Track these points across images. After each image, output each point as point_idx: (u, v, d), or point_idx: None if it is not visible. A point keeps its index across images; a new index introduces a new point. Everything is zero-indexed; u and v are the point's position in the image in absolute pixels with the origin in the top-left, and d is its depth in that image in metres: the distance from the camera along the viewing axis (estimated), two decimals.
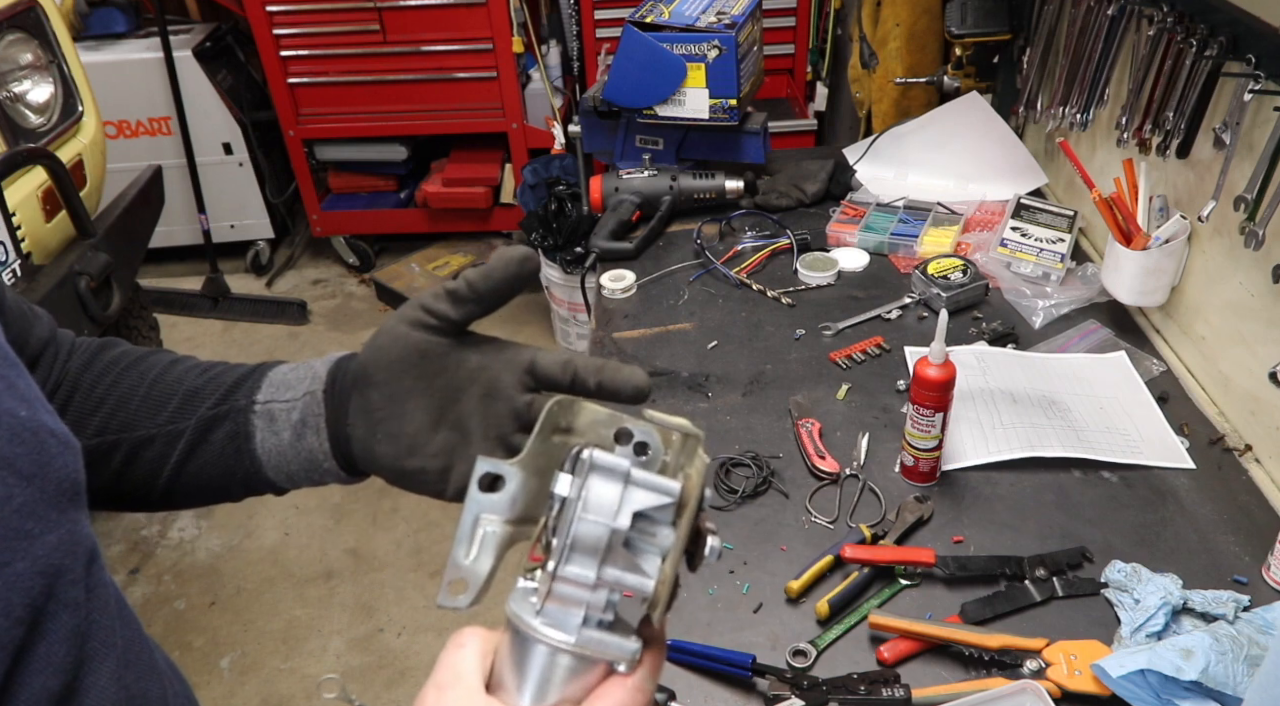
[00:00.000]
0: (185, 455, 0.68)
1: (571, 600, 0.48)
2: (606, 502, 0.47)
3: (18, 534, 0.50)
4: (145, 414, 0.68)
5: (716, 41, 1.84)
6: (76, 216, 2.25)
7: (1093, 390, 1.41)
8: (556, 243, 2.92)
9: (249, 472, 0.68)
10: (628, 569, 0.48)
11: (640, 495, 0.48)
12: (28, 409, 0.53)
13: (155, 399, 0.68)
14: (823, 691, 1.01)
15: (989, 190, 1.92)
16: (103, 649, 0.55)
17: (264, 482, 0.69)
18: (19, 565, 0.49)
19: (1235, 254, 1.31)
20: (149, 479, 0.69)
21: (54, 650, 0.51)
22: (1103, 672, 0.96)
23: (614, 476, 0.48)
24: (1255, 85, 1.20)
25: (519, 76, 3.38)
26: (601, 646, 0.48)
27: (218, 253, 3.68)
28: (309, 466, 0.67)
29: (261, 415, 0.67)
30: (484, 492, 0.53)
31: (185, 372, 0.70)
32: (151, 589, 2.58)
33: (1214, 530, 1.19)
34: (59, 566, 0.52)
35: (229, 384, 0.68)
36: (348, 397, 0.65)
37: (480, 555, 0.52)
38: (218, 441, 0.67)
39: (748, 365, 1.53)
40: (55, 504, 0.53)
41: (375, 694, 2.28)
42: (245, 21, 3.37)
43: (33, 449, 0.52)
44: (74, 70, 2.48)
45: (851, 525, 1.22)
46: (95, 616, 0.55)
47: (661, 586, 0.48)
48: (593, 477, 0.48)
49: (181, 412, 0.68)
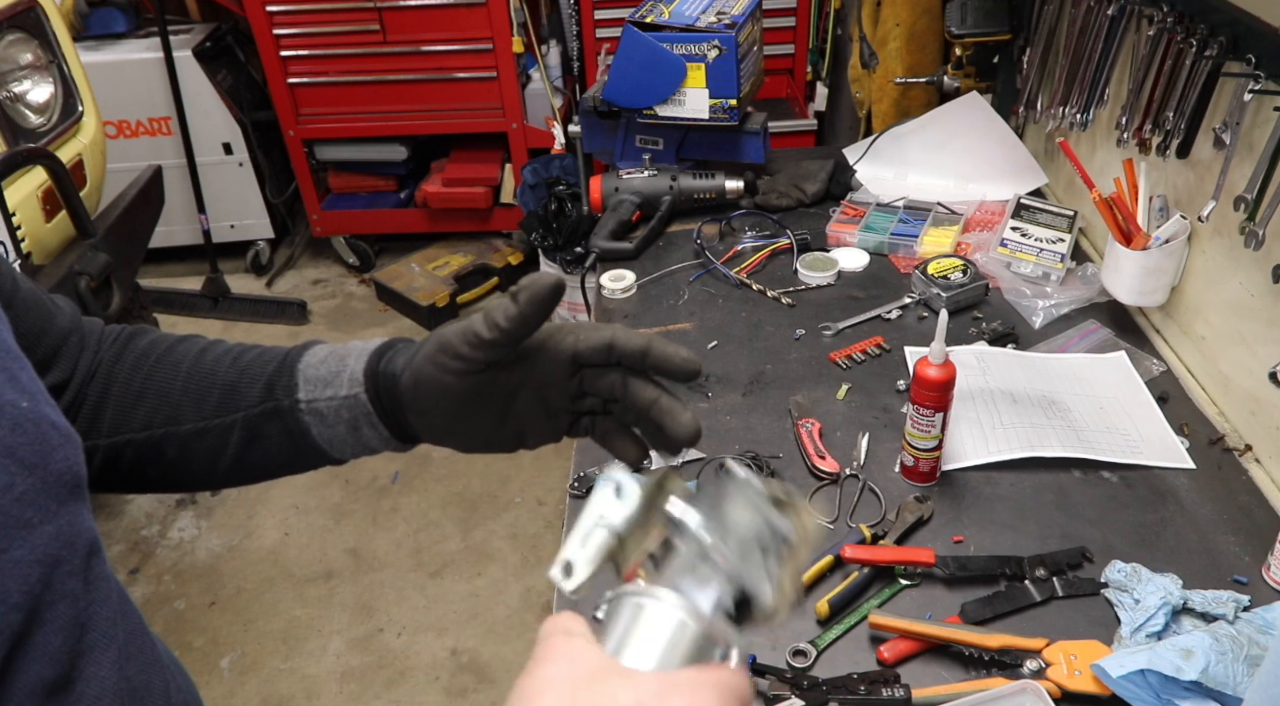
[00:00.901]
0: (243, 446, 0.70)
1: (702, 584, 0.53)
2: (747, 514, 0.56)
3: (17, 522, 0.50)
4: (188, 408, 0.70)
5: (716, 41, 1.84)
6: (76, 216, 2.25)
7: (1093, 390, 1.41)
8: (556, 243, 2.92)
9: (313, 458, 0.71)
10: (756, 572, 0.54)
11: (775, 516, 0.56)
12: (29, 400, 0.54)
13: (194, 392, 0.70)
14: (823, 691, 1.01)
15: (989, 190, 1.92)
16: (103, 641, 0.56)
17: (331, 460, 0.72)
18: (17, 553, 0.50)
19: (1235, 254, 1.31)
20: (209, 466, 0.71)
21: (50, 640, 0.52)
22: (1103, 672, 0.96)
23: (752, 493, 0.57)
24: (1255, 85, 1.20)
25: (519, 76, 3.38)
26: (724, 630, 0.52)
27: (218, 253, 3.68)
28: (372, 448, 0.71)
29: (310, 412, 0.69)
30: (613, 498, 0.58)
31: (216, 364, 0.72)
32: (151, 589, 2.58)
33: (1214, 530, 1.19)
34: (57, 557, 0.53)
35: (265, 380, 0.70)
36: (403, 412, 0.68)
37: (590, 550, 0.57)
38: (273, 436, 0.69)
39: (748, 365, 1.53)
40: (55, 495, 0.53)
41: (375, 694, 2.28)
42: (245, 21, 3.37)
43: (34, 439, 0.53)
44: (74, 70, 2.48)
45: (851, 525, 1.22)
46: (95, 608, 0.56)
47: (781, 598, 0.54)
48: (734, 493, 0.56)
49: (224, 406, 0.70)
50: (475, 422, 0.67)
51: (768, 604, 0.54)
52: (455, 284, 3.59)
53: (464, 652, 2.37)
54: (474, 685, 2.29)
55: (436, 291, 3.55)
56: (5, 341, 0.56)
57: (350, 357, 0.69)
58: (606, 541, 0.57)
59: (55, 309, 0.71)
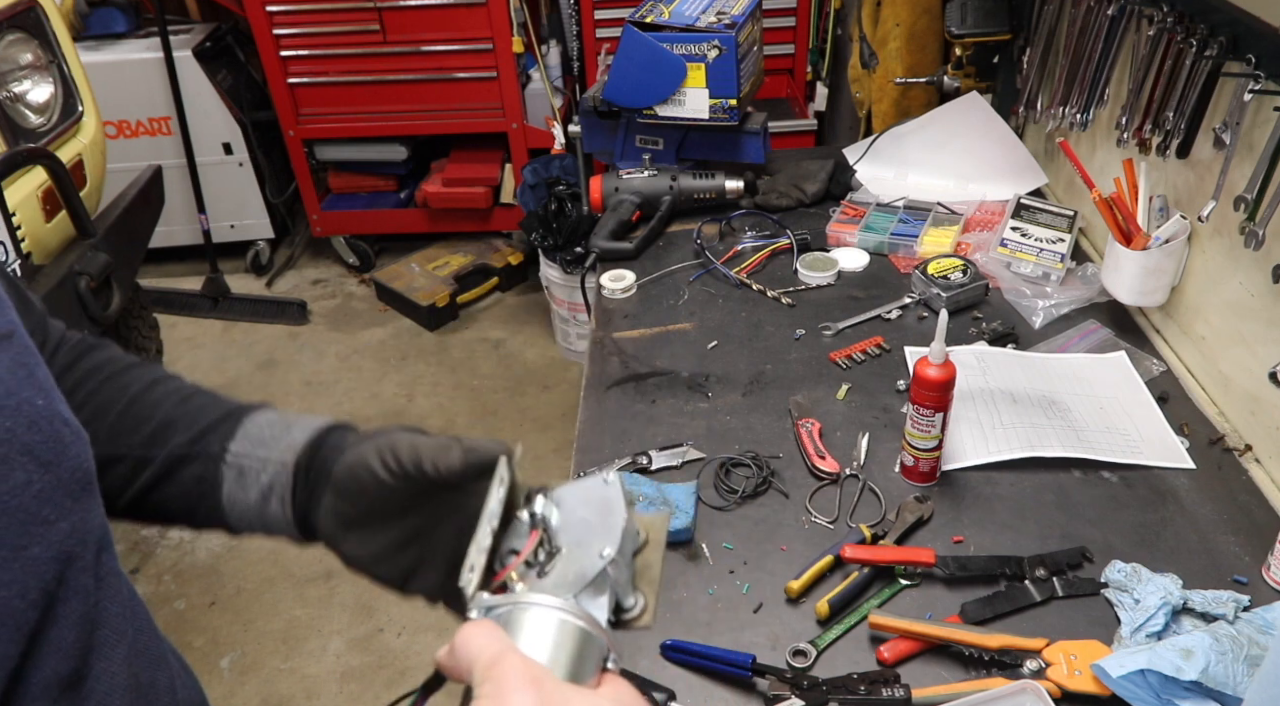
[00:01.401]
0: (150, 484, 0.68)
1: (590, 592, 0.56)
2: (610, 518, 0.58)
3: (36, 519, 0.51)
4: (119, 432, 0.68)
5: (716, 41, 1.84)
6: (76, 216, 2.25)
7: (1093, 390, 1.41)
8: (556, 242, 2.92)
9: (212, 515, 0.69)
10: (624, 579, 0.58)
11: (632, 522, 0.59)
12: (45, 398, 0.54)
13: (131, 418, 0.69)
14: (823, 691, 1.01)
15: (989, 190, 1.92)
16: (114, 637, 0.56)
17: (223, 525, 0.70)
18: (35, 550, 0.50)
19: (1235, 254, 1.31)
20: (111, 495, 0.68)
21: (64, 635, 0.52)
22: (1103, 672, 0.96)
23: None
24: (1255, 85, 1.20)
25: (519, 76, 3.38)
26: (608, 635, 0.54)
27: (218, 253, 3.68)
28: (270, 528, 0.69)
29: (231, 466, 0.67)
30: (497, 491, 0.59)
31: (164, 397, 0.70)
32: (151, 589, 2.58)
33: (1214, 530, 1.19)
34: (71, 553, 0.53)
35: (206, 423, 0.69)
36: (321, 490, 0.66)
37: (480, 555, 0.58)
38: (185, 480, 0.68)
39: (748, 365, 1.53)
40: (69, 491, 0.53)
41: (375, 694, 2.28)
42: (245, 21, 3.37)
43: (50, 437, 0.53)
44: (74, 70, 2.48)
45: (851, 525, 1.22)
46: (105, 604, 0.56)
47: (647, 602, 0.58)
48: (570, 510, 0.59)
49: (153, 440, 0.68)
50: (382, 530, 0.64)
51: (633, 609, 0.58)
52: (455, 284, 3.59)
53: None
54: None
55: (436, 291, 3.55)
56: (21, 337, 0.55)
57: (296, 427, 0.68)
58: (488, 543, 0.58)
59: (30, 308, 0.70)
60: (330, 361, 3.42)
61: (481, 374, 3.32)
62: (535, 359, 3.38)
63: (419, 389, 3.26)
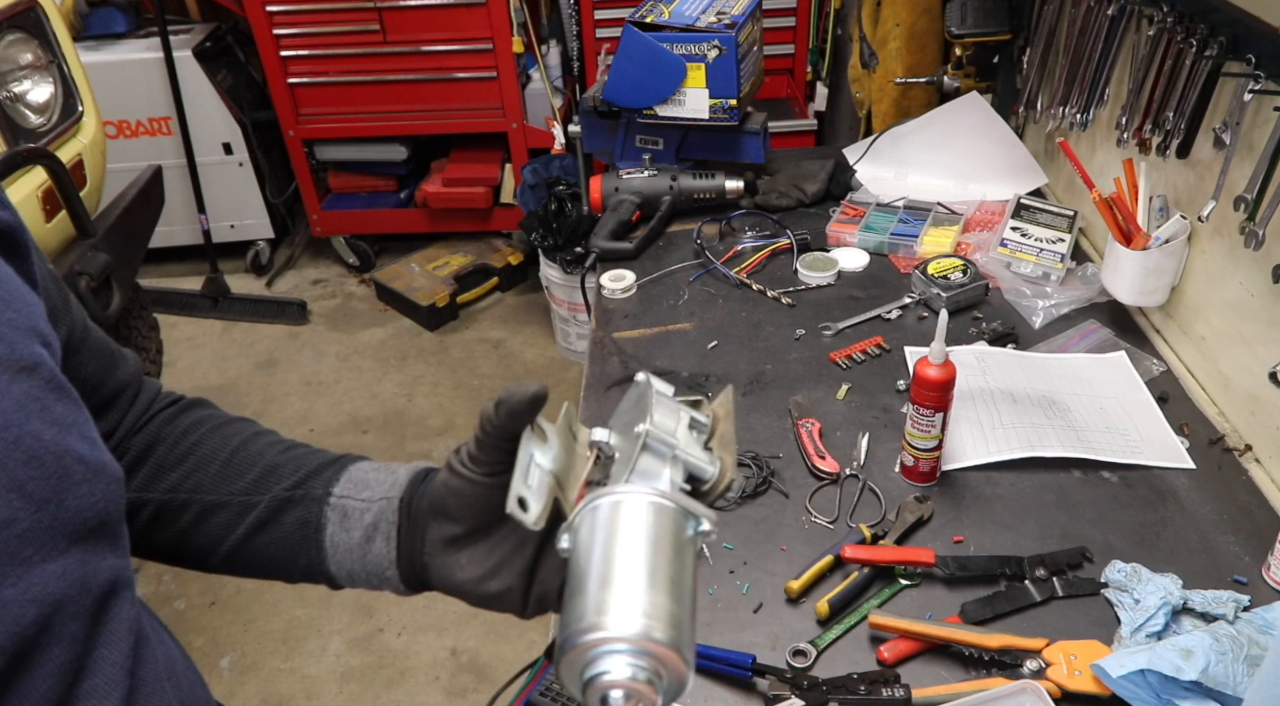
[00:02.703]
0: (253, 529, 0.68)
1: (652, 474, 0.57)
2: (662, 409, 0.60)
3: (15, 559, 0.48)
4: (223, 480, 0.69)
5: (716, 41, 1.84)
6: (76, 216, 2.25)
7: (1093, 390, 1.41)
8: (556, 242, 2.92)
9: (312, 561, 0.68)
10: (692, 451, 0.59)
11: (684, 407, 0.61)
12: (57, 432, 0.52)
13: (235, 466, 0.69)
14: (823, 691, 1.01)
15: (989, 190, 1.92)
16: (105, 687, 0.53)
17: (324, 574, 0.69)
18: (8, 592, 0.48)
19: (1235, 254, 1.31)
20: (214, 543, 0.69)
21: (37, 685, 0.49)
22: (1103, 672, 0.96)
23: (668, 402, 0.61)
24: (1255, 85, 1.20)
25: (519, 76, 3.38)
26: (692, 503, 0.56)
27: (218, 253, 3.68)
28: (373, 571, 0.68)
29: (335, 508, 0.67)
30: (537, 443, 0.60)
31: (268, 446, 0.71)
32: (151, 589, 2.58)
33: (1214, 530, 1.19)
34: (61, 597, 0.50)
35: (310, 468, 0.69)
36: (425, 524, 0.65)
37: (536, 486, 0.58)
38: (288, 524, 0.68)
39: (748, 365, 1.53)
40: (68, 532, 0.51)
41: (375, 694, 2.28)
42: (245, 21, 3.36)
43: (51, 473, 0.51)
44: (74, 70, 2.48)
45: (851, 525, 1.22)
46: (102, 653, 0.53)
47: (724, 467, 0.59)
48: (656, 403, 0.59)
49: (258, 486, 0.68)
50: (495, 540, 0.64)
51: (712, 474, 0.58)
52: (455, 284, 3.59)
53: (464, 652, 2.37)
54: (474, 685, 2.29)
55: (436, 291, 3.55)
56: (48, 370, 0.54)
57: (399, 470, 0.69)
58: (546, 479, 0.58)
59: (120, 360, 0.71)
60: (330, 361, 3.42)
61: (481, 374, 3.32)
62: (535, 359, 3.38)
63: (419, 389, 3.26)
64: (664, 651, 0.50)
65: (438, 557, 0.65)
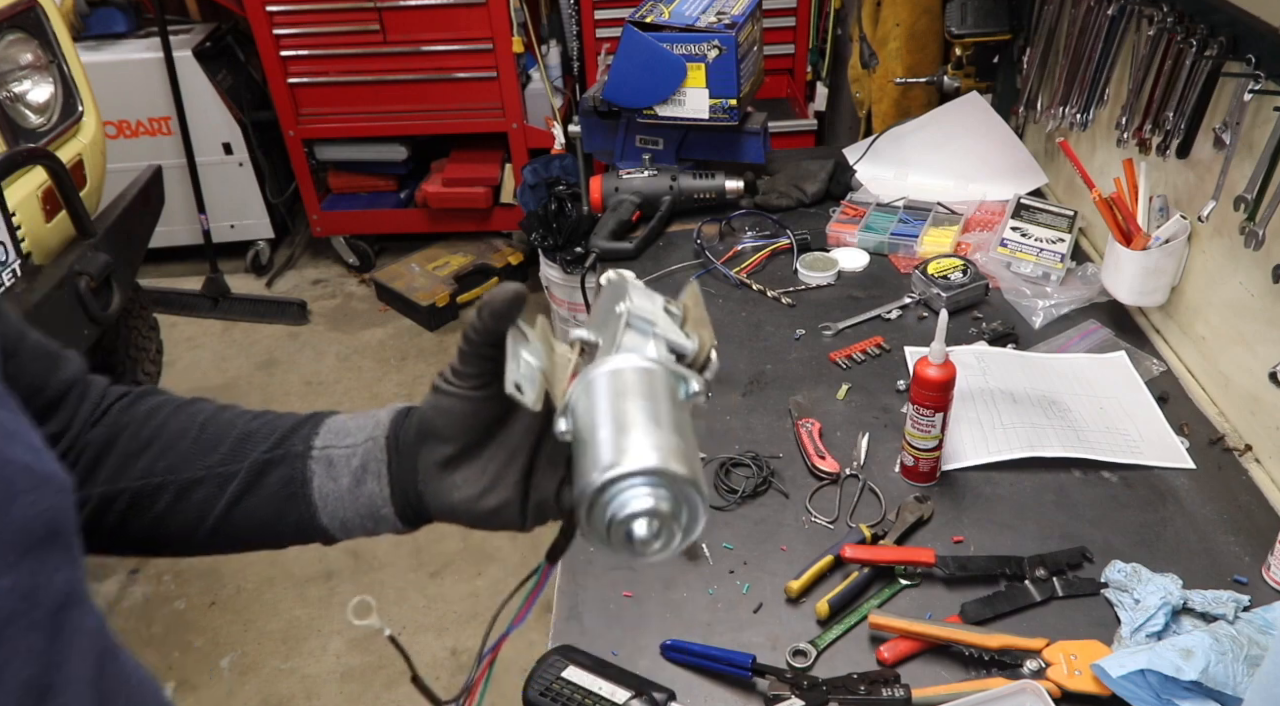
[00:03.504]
0: (236, 497, 0.66)
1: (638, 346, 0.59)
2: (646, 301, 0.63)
3: None
4: (196, 455, 0.67)
5: (716, 41, 1.84)
6: (76, 216, 2.25)
7: (1093, 390, 1.41)
8: (556, 243, 2.92)
9: (302, 517, 0.67)
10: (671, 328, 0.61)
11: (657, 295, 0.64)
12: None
13: (207, 440, 0.67)
14: (823, 691, 1.01)
15: (989, 190, 1.92)
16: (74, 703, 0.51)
17: (317, 529, 0.68)
18: None
19: (1235, 254, 1.31)
20: (195, 521, 0.67)
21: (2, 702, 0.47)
22: (1103, 672, 0.96)
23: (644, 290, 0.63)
24: (1255, 85, 1.20)
25: (519, 76, 3.38)
26: (680, 367, 0.58)
27: (218, 253, 3.68)
28: (366, 513, 0.67)
29: (320, 460, 0.66)
30: (524, 343, 0.61)
31: (237, 416, 0.70)
32: (151, 589, 2.58)
33: (1214, 530, 1.19)
34: (11, 611, 0.48)
35: (285, 428, 0.68)
36: (415, 453, 0.65)
37: (528, 374, 0.59)
38: (272, 485, 0.66)
39: (748, 365, 1.53)
40: (14, 544, 0.49)
41: (375, 694, 2.28)
42: (245, 21, 3.37)
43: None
44: (74, 70, 2.48)
45: (851, 525, 1.22)
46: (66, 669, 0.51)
47: (702, 342, 0.61)
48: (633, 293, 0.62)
49: (234, 455, 0.67)
50: (488, 456, 0.64)
51: (692, 348, 0.61)
52: (455, 284, 3.59)
53: (464, 652, 2.37)
54: None
55: (436, 291, 3.55)
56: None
57: (379, 412, 0.68)
58: (536, 372, 0.59)
59: (62, 360, 0.69)
60: (330, 361, 3.42)
61: None
62: None
63: (419, 389, 3.26)
64: (681, 482, 0.52)
65: (432, 482, 0.64)
